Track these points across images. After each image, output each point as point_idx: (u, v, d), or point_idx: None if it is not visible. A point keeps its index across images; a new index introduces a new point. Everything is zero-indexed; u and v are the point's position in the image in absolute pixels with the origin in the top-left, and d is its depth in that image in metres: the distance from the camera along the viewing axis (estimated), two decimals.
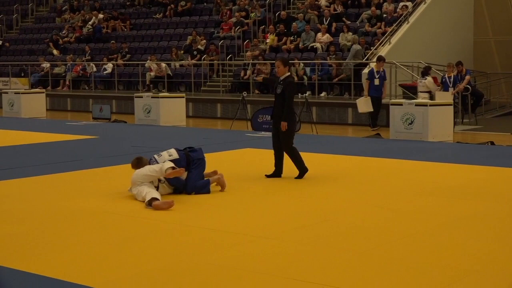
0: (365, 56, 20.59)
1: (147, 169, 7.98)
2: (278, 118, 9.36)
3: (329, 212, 7.34)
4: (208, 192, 8.29)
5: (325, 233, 6.41)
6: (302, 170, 9.36)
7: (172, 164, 7.92)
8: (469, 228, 6.63)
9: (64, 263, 5.48)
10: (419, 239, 6.17)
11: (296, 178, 9.31)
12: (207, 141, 13.39)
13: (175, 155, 8.36)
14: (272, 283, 4.99)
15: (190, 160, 8.42)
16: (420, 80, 17.33)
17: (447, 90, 16.90)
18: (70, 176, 9.70)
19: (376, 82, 16.95)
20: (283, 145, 9.35)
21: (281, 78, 9.40)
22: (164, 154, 8.38)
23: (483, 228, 6.63)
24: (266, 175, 9.40)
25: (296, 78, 20.70)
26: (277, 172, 9.41)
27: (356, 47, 20.74)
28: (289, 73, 9.45)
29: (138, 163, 8.26)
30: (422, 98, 16.36)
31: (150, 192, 7.66)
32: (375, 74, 17.08)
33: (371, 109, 16.89)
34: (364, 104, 16.88)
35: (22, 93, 21.42)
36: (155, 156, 8.38)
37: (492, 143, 13.45)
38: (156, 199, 7.53)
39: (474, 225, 6.78)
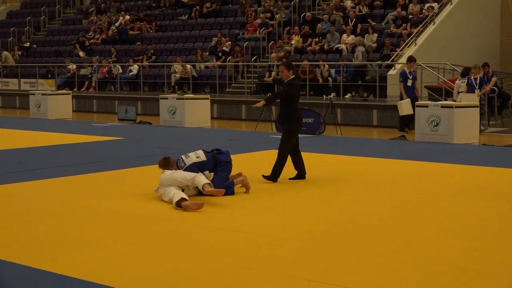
0: (391, 57, 20.51)
1: (178, 175, 8.00)
2: (284, 121, 9.37)
3: (353, 214, 7.33)
4: (232, 193, 8.31)
5: (349, 235, 6.41)
6: (274, 176, 9.24)
7: (208, 181, 7.97)
8: (493, 230, 6.58)
9: (87, 263, 5.52)
10: (442, 240, 6.14)
11: (264, 176, 9.24)
12: (232, 142, 13.43)
13: (202, 157, 8.40)
14: (295, 285, 4.99)
15: (217, 162, 8.45)
16: (463, 80, 17.09)
17: (473, 92, 16.74)
18: (96, 177, 9.78)
19: (409, 83, 16.65)
20: (280, 145, 9.29)
21: (286, 81, 9.39)
22: (192, 155, 8.42)
23: (507, 231, 6.59)
24: (289, 178, 9.37)
25: (321, 80, 20.73)
26: (300, 174, 9.40)
27: (361, 48, 20.72)
28: (293, 76, 9.38)
29: (165, 163, 8.32)
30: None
31: (178, 193, 7.69)
32: (408, 75, 16.73)
33: (411, 112, 15.86)
34: (408, 107, 16.24)
35: (49, 95, 21.60)
36: (183, 156, 8.42)
37: None
38: (185, 199, 7.57)
39: (497, 227, 6.73)
